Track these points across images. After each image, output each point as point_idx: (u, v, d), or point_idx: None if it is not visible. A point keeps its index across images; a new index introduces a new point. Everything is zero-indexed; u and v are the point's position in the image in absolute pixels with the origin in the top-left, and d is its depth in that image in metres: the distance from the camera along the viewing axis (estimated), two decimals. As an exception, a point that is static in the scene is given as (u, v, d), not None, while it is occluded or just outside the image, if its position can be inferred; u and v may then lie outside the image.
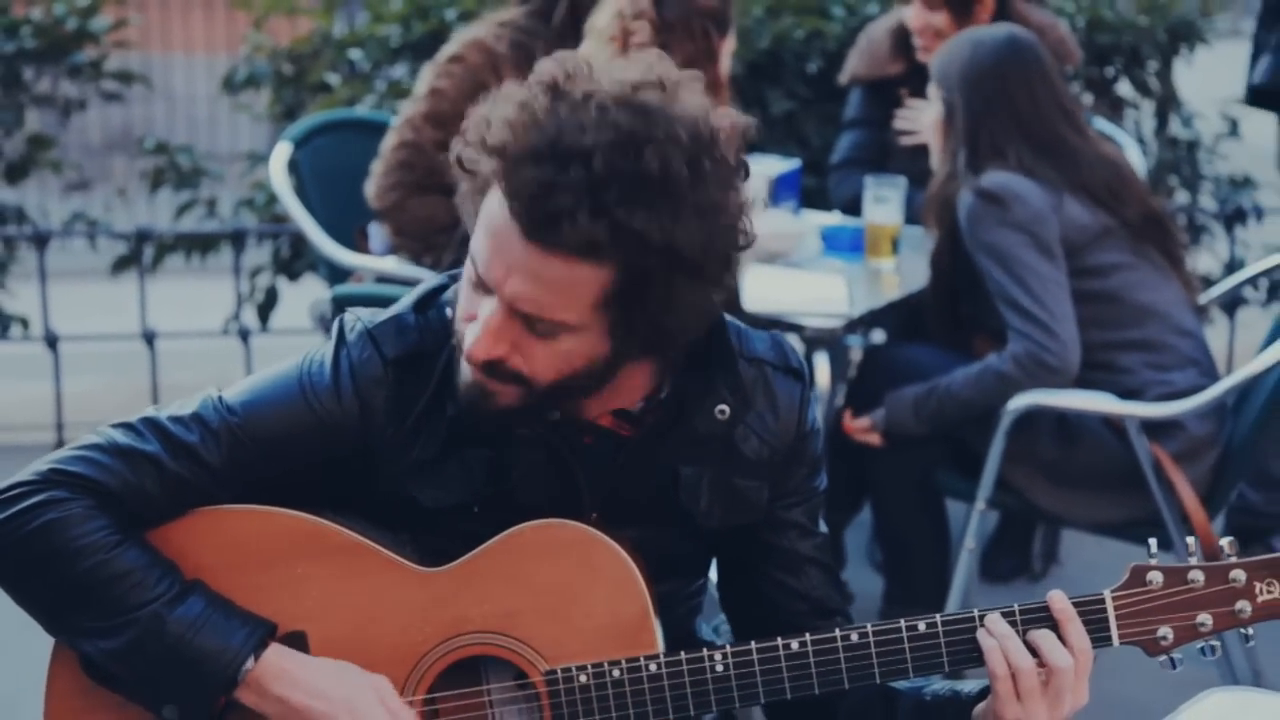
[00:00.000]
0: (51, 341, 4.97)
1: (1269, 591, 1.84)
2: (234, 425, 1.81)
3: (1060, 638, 1.77)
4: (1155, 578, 1.83)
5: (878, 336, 4.35)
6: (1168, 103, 5.73)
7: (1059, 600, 1.78)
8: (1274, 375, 3.36)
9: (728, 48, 3.41)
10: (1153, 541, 1.88)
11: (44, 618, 1.78)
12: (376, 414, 1.82)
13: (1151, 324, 3.42)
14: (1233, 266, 5.45)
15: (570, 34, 3.76)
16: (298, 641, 1.80)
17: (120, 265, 5.22)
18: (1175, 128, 5.77)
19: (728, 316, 1.91)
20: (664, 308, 1.69)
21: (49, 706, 1.83)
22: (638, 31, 3.27)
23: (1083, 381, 3.38)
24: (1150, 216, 3.52)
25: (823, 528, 1.99)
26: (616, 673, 1.78)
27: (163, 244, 5.24)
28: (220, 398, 1.83)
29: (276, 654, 1.77)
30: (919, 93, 4.22)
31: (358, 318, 1.86)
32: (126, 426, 1.80)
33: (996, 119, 3.43)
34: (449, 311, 1.85)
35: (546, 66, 1.71)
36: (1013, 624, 1.77)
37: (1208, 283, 4.78)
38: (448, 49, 3.93)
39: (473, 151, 1.71)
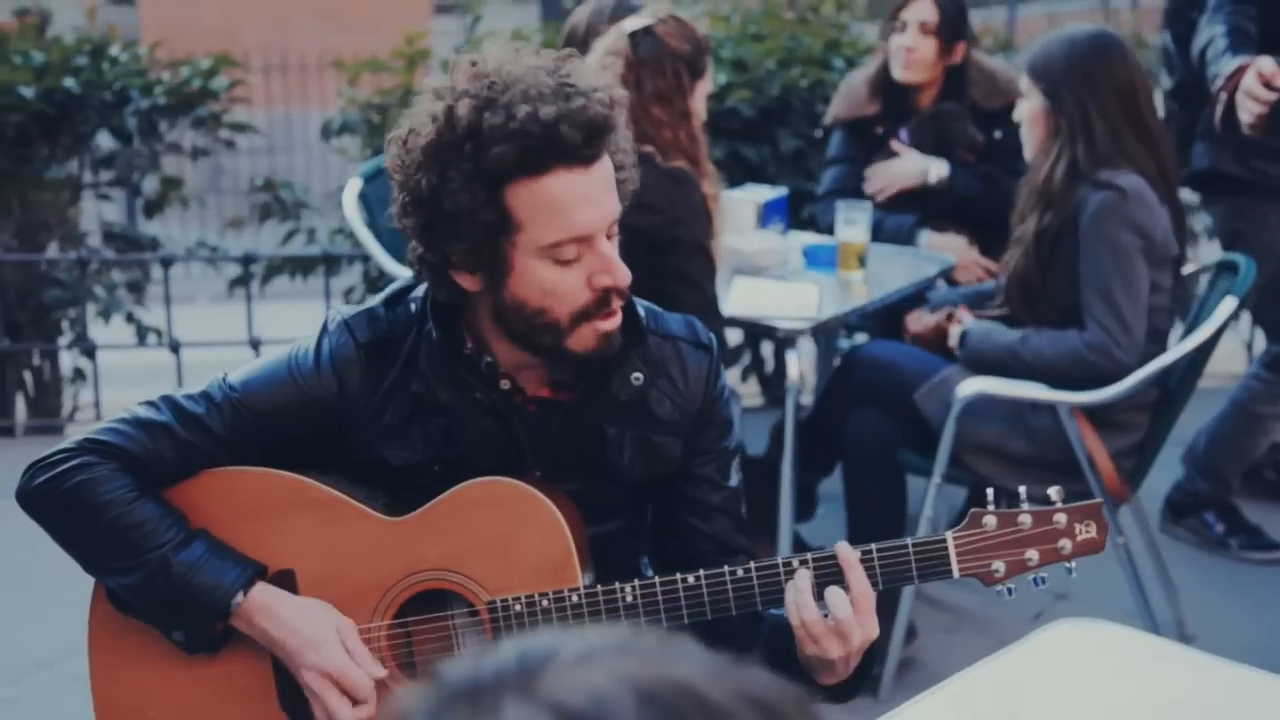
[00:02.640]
0: (174, 348, 5.13)
1: (1085, 531, 1.89)
2: (235, 399, 1.91)
3: (845, 583, 1.81)
4: (990, 521, 1.88)
5: (861, 338, 4.40)
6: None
7: (843, 550, 1.84)
8: (1182, 365, 3.41)
9: (702, 89, 3.43)
10: (990, 491, 1.93)
11: (79, 558, 1.89)
12: (351, 388, 1.91)
13: (1153, 347, 3.40)
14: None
15: None
16: (287, 578, 1.90)
17: (234, 284, 5.37)
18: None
19: (641, 302, 1.98)
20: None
21: (92, 629, 1.94)
22: (610, 65, 3.26)
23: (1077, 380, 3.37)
24: (1184, 251, 3.52)
25: (733, 482, 2.04)
26: (545, 603, 1.86)
27: (271, 265, 5.38)
28: (225, 378, 1.94)
29: (262, 592, 1.86)
30: (892, 130, 4.29)
31: (338, 311, 1.96)
32: (149, 403, 1.91)
33: (1109, 105, 3.33)
34: (413, 307, 1.93)
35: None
36: (817, 567, 1.84)
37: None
38: None
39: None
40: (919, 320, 3.72)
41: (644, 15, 3.44)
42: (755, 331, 3.64)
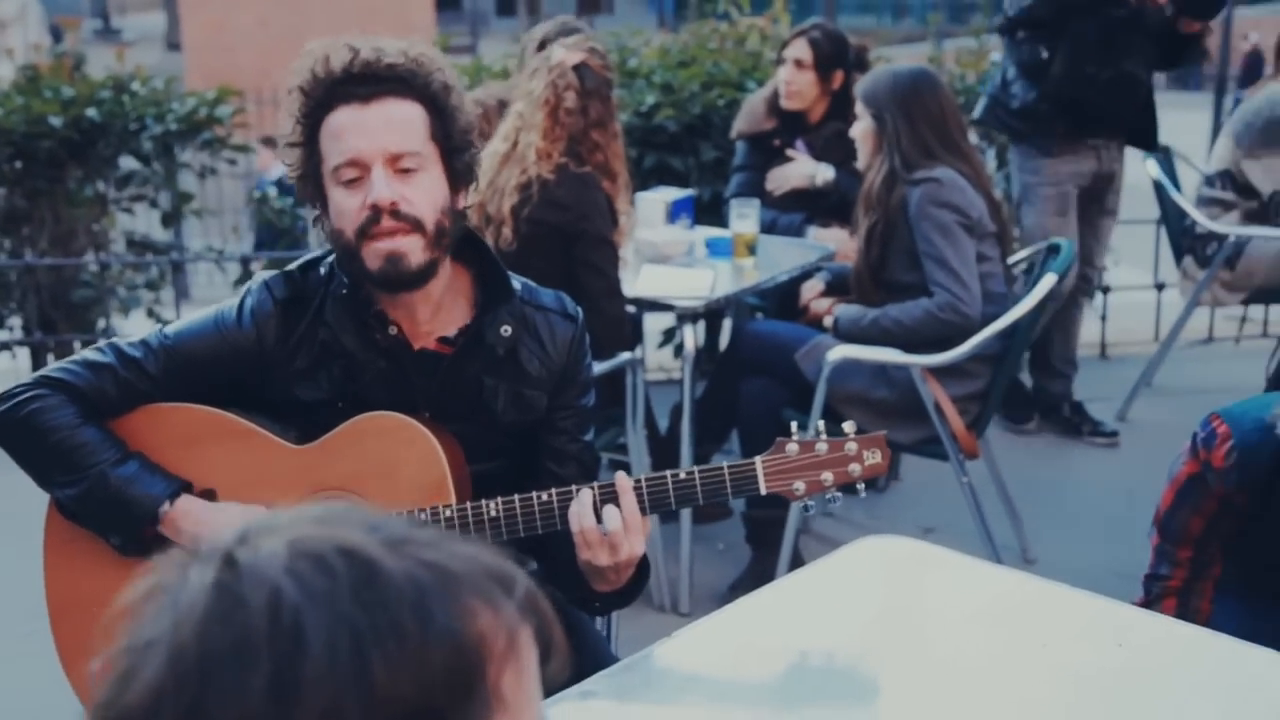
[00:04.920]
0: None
1: (872, 457, 1.91)
2: (168, 346, 1.96)
3: (619, 505, 1.84)
4: (792, 448, 1.89)
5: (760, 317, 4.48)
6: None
7: (621, 479, 1.86)
8: (1021, 329, 3.50)
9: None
10: (794, 424, 1.96)
11: (33, 474, 1.95)
12: (268, 337, 1.96)
13: (991, 309, 3.50)
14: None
15: None
16: (209, 495, 1.95)
17: (237, 283, 5.41)
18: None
19: (519, 278, 2.03)
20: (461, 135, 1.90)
21: (46, 537, 1.99)
22: (567, 98, 3.32)
23: (936, 338, 3.47)
24: (1005, 228, 3.63)
25: (587, 437, 2.08)
26: (423, 517, 1.88)
27: (269, 265, 5.41)
28: (162, 329, 1.99)
29: (186, 501, 1.91)
30: (787, 142, 4.37)
31: (260, 274, 2.01)
32: (97, 348, 1.97)
33: (919, 126, 3.49)
34: (322, 270, 1.99)
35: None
36: (603, 492, 1.86)
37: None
38: None
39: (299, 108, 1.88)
40: (812, 289, 3.82)
41: (573, 47, 3.44)
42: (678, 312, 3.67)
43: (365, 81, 1.86)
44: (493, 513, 1.90)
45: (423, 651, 0.73)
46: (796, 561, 3.64)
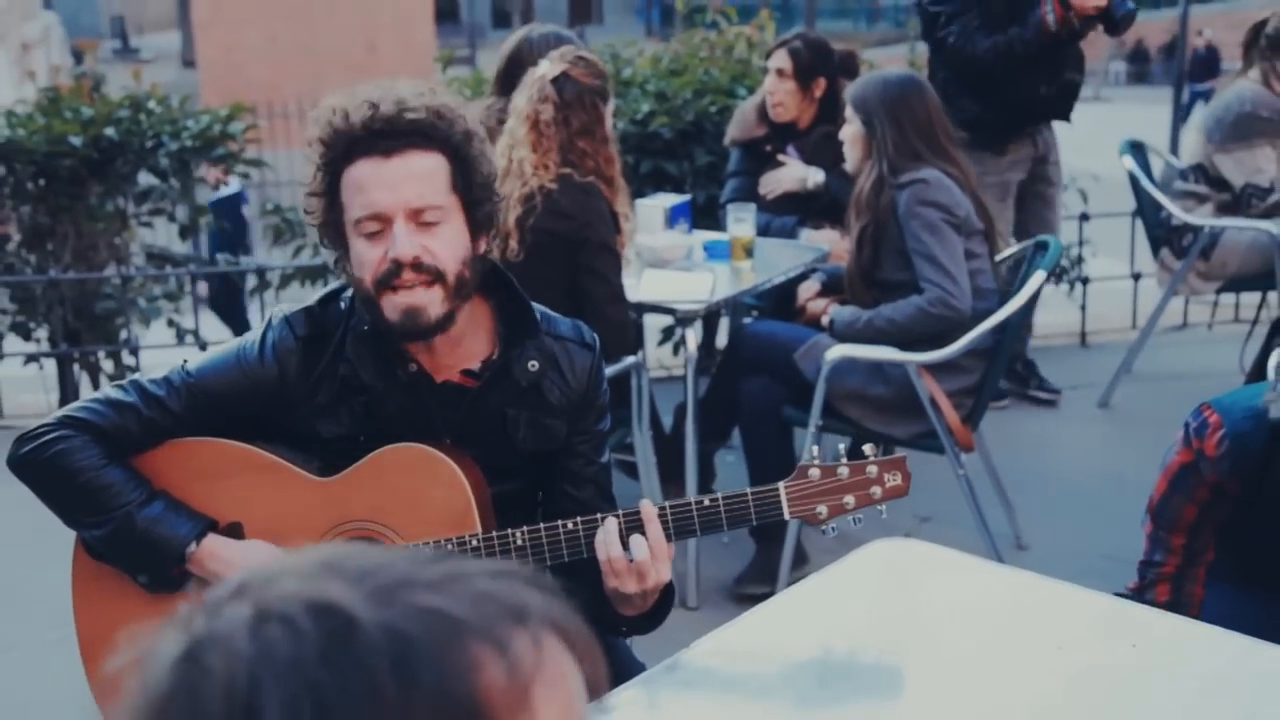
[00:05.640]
0: (202, 346, 5.10)
1: (892, 480, 1.85)
2: (190, 383, 1.88)
3: (645, 534, 1.77)
4: (814, 472, 1.83)
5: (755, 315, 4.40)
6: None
7: (646, 508, 1.79)
8: (1012, 325, 3.42)
9: (609, 109, 3.36)
10: (815, 448, 1.90)
11: (60, 514, 1.87)
12: (290, 373, 1.88)
13: (981, 304, 3.42)
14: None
15: None
16: (236, 529, 1.87)
17: (252, 293, 5.34)
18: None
19: (538, 307, 1.95)
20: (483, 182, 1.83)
21: (74, 574, 1.92)
22: (544, 110, 3.22)
23: (929, 334, 3.38)
24: (991, 226, 3.55)
25: (604, 459, 2.02)
26: (449, 547, 1.82)
27: (284, 276, 5.35)
28: (184, 365, 1.91)
29: (212, 541, 1.84)
30: (779, 148, 4.29)
31: (280, 309, 1.93)
32: (119, 386, 1.89)
33: (907, 132, 3.42)
34: (342, 305, 1.91)
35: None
36: (628, 520, 1.80)
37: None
38: None
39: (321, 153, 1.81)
40: (808, 289, 3.74)
41: (556, 60, 3.33)
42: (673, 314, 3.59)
43: (386, 135, 1.77)
44: (519, 542, 1.83)
45: (405, 714, 0.63)
46: (800, 554, 3.57)
